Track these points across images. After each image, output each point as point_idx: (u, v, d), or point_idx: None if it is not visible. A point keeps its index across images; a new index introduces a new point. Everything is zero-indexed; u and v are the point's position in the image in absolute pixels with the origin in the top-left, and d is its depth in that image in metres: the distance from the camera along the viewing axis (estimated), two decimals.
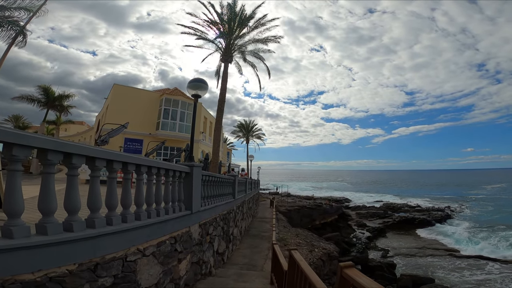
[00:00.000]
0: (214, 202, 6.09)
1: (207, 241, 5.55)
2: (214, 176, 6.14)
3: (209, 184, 5.91)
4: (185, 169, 4.42)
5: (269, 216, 16.73)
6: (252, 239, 10.33)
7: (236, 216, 9.02)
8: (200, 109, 29.91)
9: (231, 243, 8.14)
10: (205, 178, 5.49)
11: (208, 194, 5.71)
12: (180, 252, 4.10)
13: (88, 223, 2.33)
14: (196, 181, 4.77)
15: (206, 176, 5.51)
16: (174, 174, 4.07)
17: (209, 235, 5.68)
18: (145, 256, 3.03)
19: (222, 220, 6.86)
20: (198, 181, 4.92)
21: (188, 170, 4.55)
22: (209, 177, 5.72)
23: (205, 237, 5.37)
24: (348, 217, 39.45)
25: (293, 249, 3.24)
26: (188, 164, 4.66)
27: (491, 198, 59.76)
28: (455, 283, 17.70)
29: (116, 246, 2.53)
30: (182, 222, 4.16)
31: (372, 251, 25.60)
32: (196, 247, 4.86)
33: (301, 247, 11.18)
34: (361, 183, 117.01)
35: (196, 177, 4.74)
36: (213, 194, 6.17)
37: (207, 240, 5.55)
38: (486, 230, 30.90)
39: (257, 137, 46.55)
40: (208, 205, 5.57)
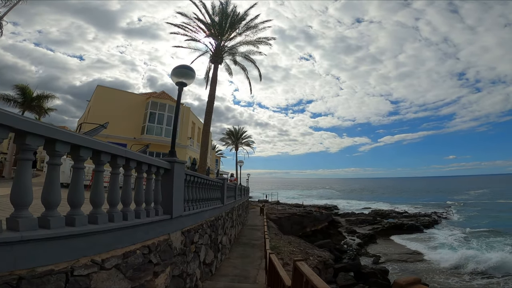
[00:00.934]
0: (200, 206, 5.36)
1: (191, 250, 4.79)
2: (200, 177, 5.43)
3: (194, 186, 5.18)
4: (164, 165, 3.71)
5: (259, 224, 15.96)
6: (242, 248, 9.54)
7: (225, 223, 8.26)
8: (188, 114, 29.09)
9: (220, 253, 7.35)
10: (190, 179, 4.77)
11: (193, 197, 4.98)
12: (157, 264, 3.34)
13: (9, 224, 1.61)
14: (178, 180, 4.05)
15: (191, 176, 4.80)
16: (149, 169, 3.35)
17: (194, 244, 4.92)
18: (104, 269, 2.28)
19: (210, 227, 6.11)
20: (181, 181, 4.20)
21: (168, 167, 3.84)
22: (194, 177, 5.00)
23: (189, 246, 4.62)
24: (338, 224, 39.21)
25: (299, 259, 2.60)
26: (168, 159, 3.96)
27: (475, 203, 61.31)
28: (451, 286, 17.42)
29: (54, 256, 1.81)
30: (159, 228, 3.42)
31: (364, 258, 25.18)
32: (178, 258, 4.10)
33: (295, 255, 10.48)
34: (349, 191, 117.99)
35: (178, 176, 4.02)
36: (199, 197, 5.45)
37: (191, 250, 4.79)
38: (475, 235, 31.22)
39: (247, 144, 45.85)
40: (193, 209, 4.84)
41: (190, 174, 4.75)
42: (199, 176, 5.29)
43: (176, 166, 3.97)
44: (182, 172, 4.22)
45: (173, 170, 3.89)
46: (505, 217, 40.75)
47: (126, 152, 2.81)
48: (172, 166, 3.91)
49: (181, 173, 4.16)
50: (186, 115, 28.24)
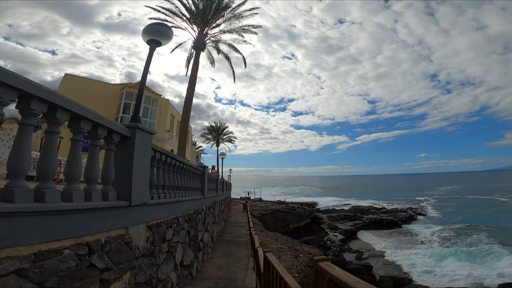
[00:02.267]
0: (175, 195, 4.27)
1: (163, 250, 3.71)
2: (176, 159, 4.34)
3: (167, 169, 4.09)
4: (120, 129, 2.61)
5: (242, 221, 14.98)
6: (226, 246, 8.52)
7: (207, 219, 7.18)
8: (167, 107, 27.48)
9: (201, 252, 6.28)
10: (161, 158, 3.68)
11: (164, 182, 3.90)
12: (106, 269, 2.27)
13: None
14: (141, 155, 2.96)
15: (162, 155, 3.71)
16: (94, 130, 2.26)
17: (166, 242, 3.84)
18: None
19: (188, 222, 5.02)
20: (145, 157, 3.11)
21: (127, 133, 2.74)
22: (167, 157, 3.91)
23: (159, 244, 3.53)
24: (320, 220, 39.33)
25: (322, 259, 1.71)
26: (129, 124, 2.86)
27: (447, 198, 64.48)
28: (433, 282, 17.51)
29: None
30: (108, 219, 2.33)
31: (347, 253, 25.10)
32: (143, 260, 3.02)
33: (284, 252, 9.65)
34: (328, 188, 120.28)
35: (141, 149, 2.93)
36: (174, 184, 4.36)
37: (163, 249, 3.71)
38: (450, 230, 32.36)
39: (228, 140, 44.62)
40: (164, 198, 3.75)
41: (162, 152, 3.66)
42: (174, 157, 4.20)
43: (139, 135, 2.87)
44: (148, 146, 3.13)
45: (134, 140, 2.79)
46: (477, 213, 42.98)
47: (49, 93, 1.70)
48: (133, 134, 2.81)
49: (146, 147, 3.06)
50: (164, 107, 26.62)
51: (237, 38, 17.64)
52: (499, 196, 62.71)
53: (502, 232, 29.31)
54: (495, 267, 18.78)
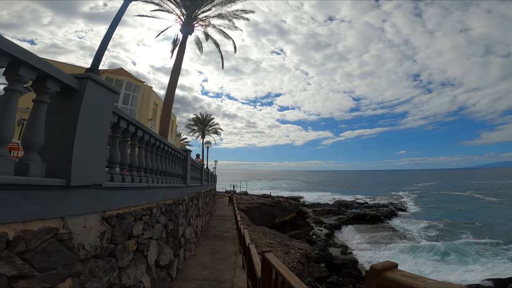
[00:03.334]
0: (147, 179, 3.40)
1: (129, 249, 2.86)
2: (150, 134, 3.45)
3: (138, 146, 3.21)
4: (62, 77, 1.72)
5: (228, 214, 14.21)
6: (211, 242, 7.73)
7: (189, 211, 6.33)
8: (150, 94, 26.02)
9: (183, 249, 5.44)
10: (128, 128, 2.80)
11: (134, 162, 3.03)
12: (21, 277, 1.42)
13: None
14: (95, 118, 2.08)
15: (131, 125, 2.83)
16: (13, 70, 1.38)
17: (135, 239, 2.98)
18: None
19: (165, 214, 4.16)
20: (103, 122, 2.23)
21: (74, 85, 1.86)
22: (138, 130, 3.03)
23: (123, 242, 2.68)
24: (305, 214, 39.39)
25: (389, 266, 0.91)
26: (78, 74, 1.97)
27: (426, 194, 66.79)
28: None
29: None
30: (25, 203, 1.47)
31: (332, 248, 25.06)
32: (96, 262, 2.18)
33: (275, 248, 9.01)
34: (313, 183, 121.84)
35: (95, 109, 2.05)
36: (147, 166, 3.49)
37: (129, 248, 2.85)
38: (430, 226, 33.24)
39: (214, 132, 43.44)
40: (130, 181, 2.88)
41: (130, 121, 2.77)
42: (148, 131, 3.30)
43: (93, 89, 1.99)
44: (107, 107, 2.24)
45: (83, 95, 1.91)
46: (456, 208, 44.67)
47: None
48: (83, 87, 1.93)
49: (103, 107, 2.18)
50: (147, 95, 25.16)
51: (228, 24, 16.65)
52: (474, 193, 65.79)
53: (481, 228, 30.43)
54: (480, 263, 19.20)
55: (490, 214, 37.58)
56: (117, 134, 2.59)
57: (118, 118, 2.54)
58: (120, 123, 2.58)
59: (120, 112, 2.56)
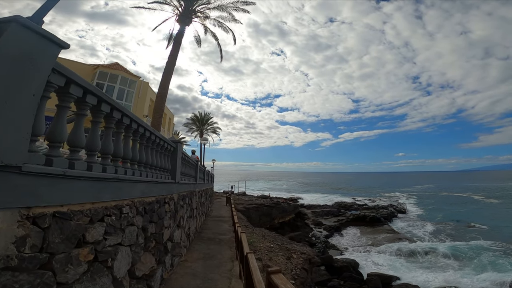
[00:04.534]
0: (115, 168, 2.67)
1: (82, 258, 2.11)
2: (121, 112, 2.72)
3: (98, 120, 2.48)
4: None
5: (226, 215, 13.47)
6: (206, 245, 6.98)
7: (179, 211, 5.59)
8: (146, 90, 25.32)
9: (169, 255, 4.69)
10: (83, 98, 2.07)
11: (92, 143, 2.30)
12: None
13: None
14: (9, 60, 1.37)
15: (89, 93, 2.10)
16: None
17: (90, 246, 2.23)
18: None
19: (143, 215, 3.40)
20: (21, 73, 1.51)
21: None
22: (101, 101, 2.29)
23: (68, 250, 1.94)
24: (304, 215, 38.73)
25: None
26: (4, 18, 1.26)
27: (425, 196, 66.32)
28: (420, 280, 16.95)
29: None
30: None
31: (332, 250, 24.40)
32: (10, 277, 1.45)
33: (275, 253, 8.27)
34: (312, 184, 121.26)
35: (9, 50, 1.34)
36: (114, 151, 2.75)
37: (82, 257, 2.11)
38: (430, 227, 32.72)
39: (213, 131, 42.73)
40: (86, 169, 2.14)
41: (86, 87, 2.04)
42: (119, 107, 2.57)
43: (16, 31, 1.27)
44: (41, 58, 1.52)
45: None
46: (456, 210, 44.25)
47: None
48: (2, 30, 1.21)
49: (33, 56, 1.45)
50: (143, 90, 24.46)
51: (227, 17, 15.96)
52: (473, 194, 65.47)
53: (484, 230, 29.89)
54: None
55: (493, 216, 37.10)
56: (65, 103, 1.86)
57: (67, 82, 1.81)
58: (70, 88, 1.84)
59: (70, 73, 1.83)
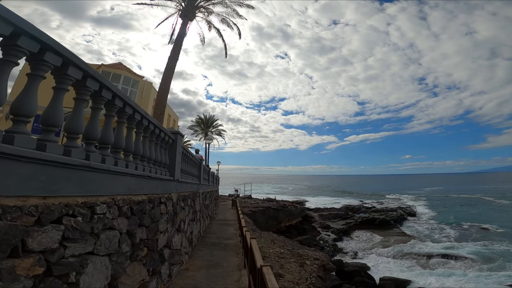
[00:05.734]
0: (86, 154, 2.06)
1: (20, 272, 1.51)
2: (95, 78, 2.11)
3: (62, 86, 1.88)
4: None
5: (231, 218, 12.82)
6: (210, 251, 6.35)
7: (179, 213, 4.97)
8: (149, 91, 25.02)
9: (167, 263, 4.06)
10: (38, 55, 1.47)
11: (55, 119, 1.70)
12: None
13: None
14: None
15: (48, 50, 1.50)
16: None
17: (34, 256, 1.62)
18: None
19: (128, 216, 2.77)
20: None
21: None
22: (67, 64, 1.68)
23: None
24: (311, 219, 37.88)
25: None
26: None
27: (434, 198, 64.73)
28: (435, 285, 16.02)
29: None
30: None
31: (341, 254, 23.53)
32: None
33: (287, 259, 7.58)
34: (317, 187, 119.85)
35: None
36: (86, 131, 2.14)
37: (19, 271, 1.50)
38: (444, 230, 31.72)
39: (217, 134, 42.26)
40: (33, 147, 1.53)
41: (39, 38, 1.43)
42: (94, 74, 1.96)
43: None
44: None
45: None
46: (468, 212, 42.96)
47: None
48: None
49: None
50: (147, 91, 24.15)
51: (230, 12, 15.55)
52: (483, 196, 63.71)
53: (499, 233, 28.63)
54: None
55: (506, 217, 35.71)
56: (10, 57, 1.27)
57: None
58: (19, 39, 1.24)
59: (19, 19, 1.22)
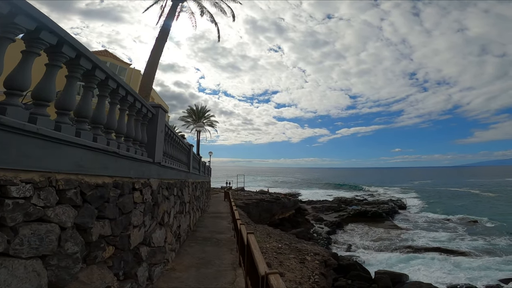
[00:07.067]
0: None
1: None
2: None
3: None
4: None
5: (224, 211, 12.13)
6: (200, 247, 5.64)
7: (162, 204, 4.20)
8: (138, 78, 23.85)
9: (145, 264, 3.32)
10: None
11: None
12: None
13: None
14: None
15: None
16: None
17: None
18: None
19: (76, 205, 2.00)
20: None
21: None
22: None
23: None
24: (305, 211, 37.80)
25: None
26: None
27: (423, 191, 65.80)
28: (429, 278, 15.88)
29: None
30: None
31: (335, 247, 23.32)
32: None
33: (285, 255, 6.96)
34: (309, 179, 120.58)
35: None
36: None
37: None
38: (433, 223, 32.11)
39: (209, 125, 41.19)
40: None
41: None
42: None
43: None
44: None
45: None
46: (457, 204, 43.87)
47: None
48: None
49: None
50: (135, 79, 23.02)
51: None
52: (470, 189, 65.29)
53: (489, 227, 29.07)
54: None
55: (493, 210, 36.54)
56: None
57: None
58: None
59: None
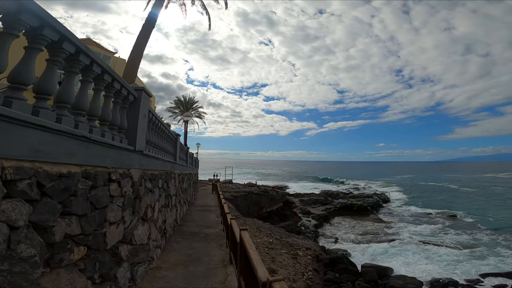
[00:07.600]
0: None
1: None
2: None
3: None
4: None
5: (212, 204, 11.77)
6: (188, 242, 5.29)
7: (144, 197, 3.80)
8: (122, 68, 22.68)
9: (126, 264, 2.95)
10: None
11: None
12: None
13: None
14: None
15: None
16: None
17: None
18: None
19: (31, 199, 1.66)
20: None
21: None
22: None
23: None
24: (292, 204, 37.99)
25: None
26: None
27: (406, 185, 67.85)
28: (413, 270, 16.29)
29: None
30: None
31: (322, 240, 23.54)
32: None
33: (277, 250, 6.72)
34: (297, 172, 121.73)
35: None
36: None
37: None
38: (416, 216, 33.19)
39: (197, 116, 40.35)
40: None
41: None
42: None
43: None
44: None
45: None
46: (438, 198, 45.71)
47: None
48: None
49: None
50: (119, 68, 21.81)
51: None
52: (448, 184, 68.11)
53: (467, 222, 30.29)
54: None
55: (470, 204, 38.25)
56: None
57: None
58: None
59: None
